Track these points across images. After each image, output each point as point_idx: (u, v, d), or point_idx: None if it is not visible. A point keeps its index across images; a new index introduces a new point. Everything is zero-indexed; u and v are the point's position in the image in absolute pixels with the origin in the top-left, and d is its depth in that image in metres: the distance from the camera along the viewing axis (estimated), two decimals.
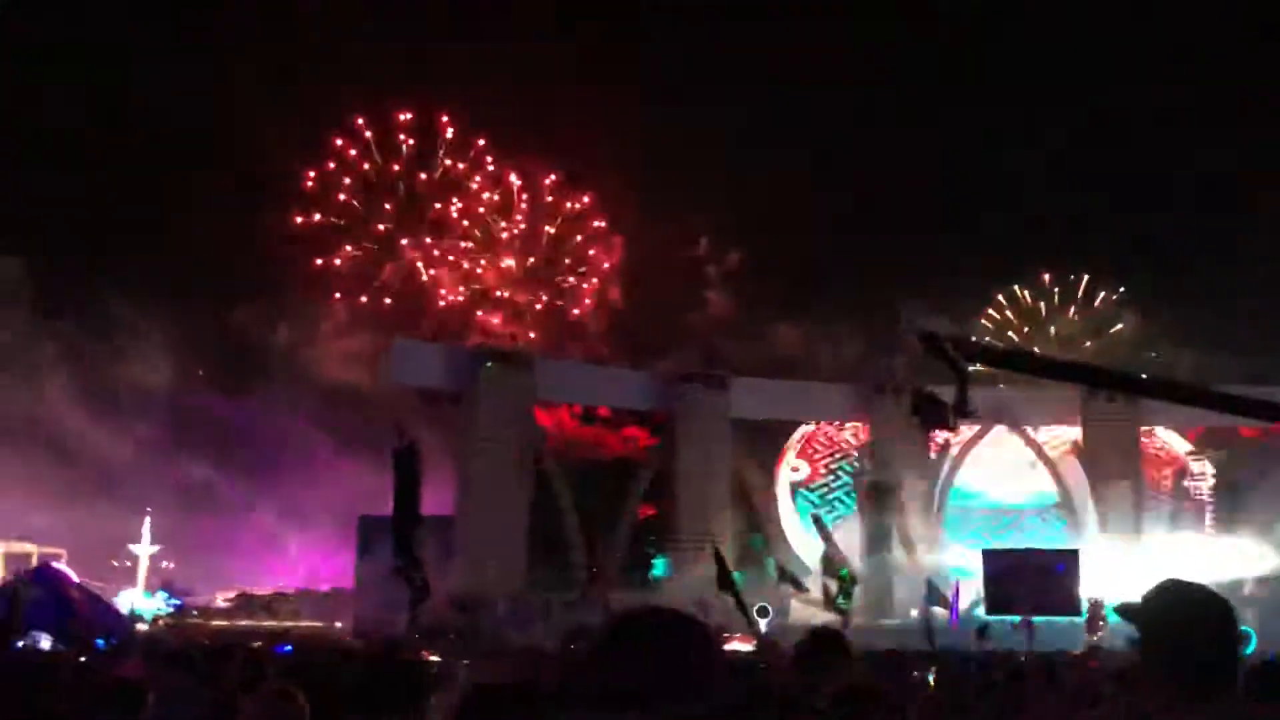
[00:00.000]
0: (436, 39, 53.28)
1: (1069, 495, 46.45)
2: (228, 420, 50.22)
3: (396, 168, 56.43)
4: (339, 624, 39.47)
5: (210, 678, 11.78)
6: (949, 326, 7.41)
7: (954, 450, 47.33)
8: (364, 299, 54.70)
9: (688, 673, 2.13)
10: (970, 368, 6.26)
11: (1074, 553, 39.84)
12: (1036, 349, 48.68)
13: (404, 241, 55.93)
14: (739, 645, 20.14)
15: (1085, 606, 38.00)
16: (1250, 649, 32.85)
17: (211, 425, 49.91)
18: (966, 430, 46.97)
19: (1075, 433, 47.10)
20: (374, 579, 37.96)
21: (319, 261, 55.48)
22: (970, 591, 39.78)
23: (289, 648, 24.88)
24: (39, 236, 49.77)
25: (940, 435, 45.99)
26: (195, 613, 44.99)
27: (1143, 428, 46.13)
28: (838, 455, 48.56)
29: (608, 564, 42.17)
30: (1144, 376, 33.21)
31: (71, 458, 46.10)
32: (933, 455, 46.90)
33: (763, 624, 34.32)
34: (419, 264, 55.98)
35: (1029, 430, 47.25)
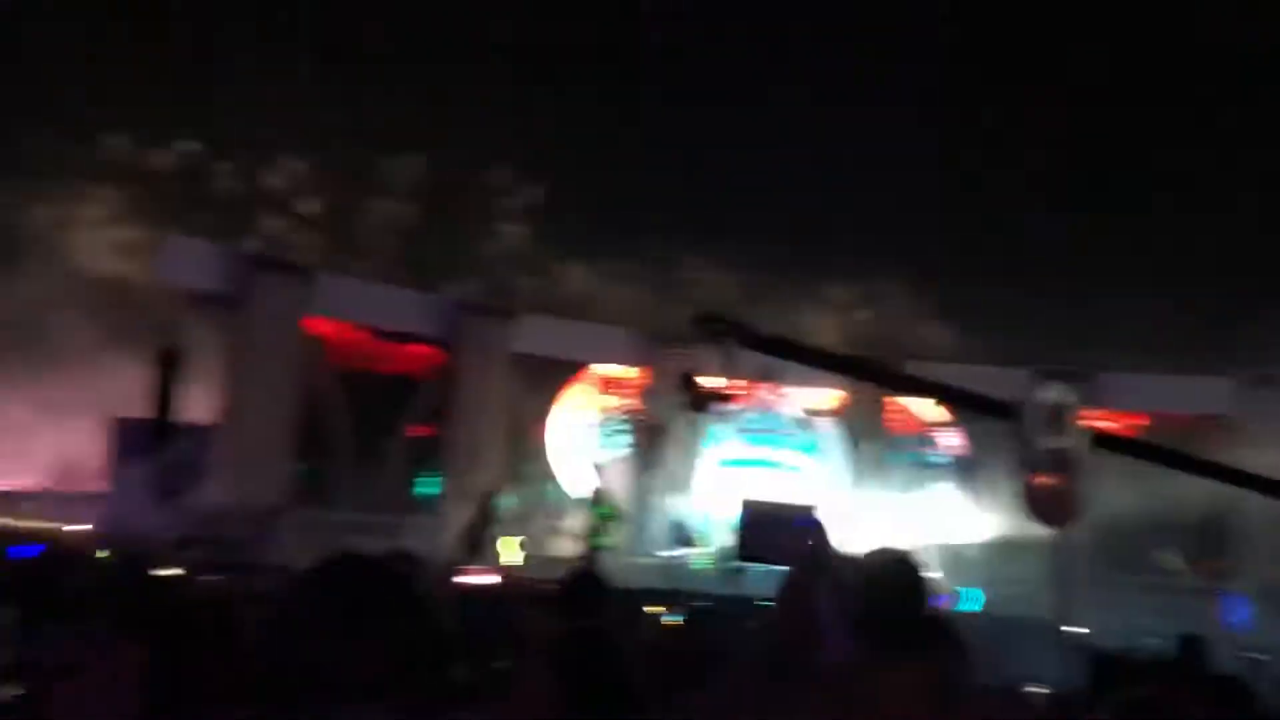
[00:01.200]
0: None
1: (828, 451, 49.34)
2: None
3: None
4: (87, 527, 37.90)
5: None
6: None
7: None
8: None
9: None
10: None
11: (813, 508, 42.38)
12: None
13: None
14: (482, 579, 20.47)
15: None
16: (974, 606, 36.26)
17: None
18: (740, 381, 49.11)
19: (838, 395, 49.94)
20: (128, 484, 36.75)
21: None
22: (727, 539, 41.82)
23: (36, 548, 23.87)
24: None
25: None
26: None
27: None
28: (620, 398, 49.69)
29: (377, 482, 42.05)
30: (905, 374, 35.89)
31: None
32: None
33: (519, 557, 35.31)
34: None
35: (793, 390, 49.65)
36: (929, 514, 45.57)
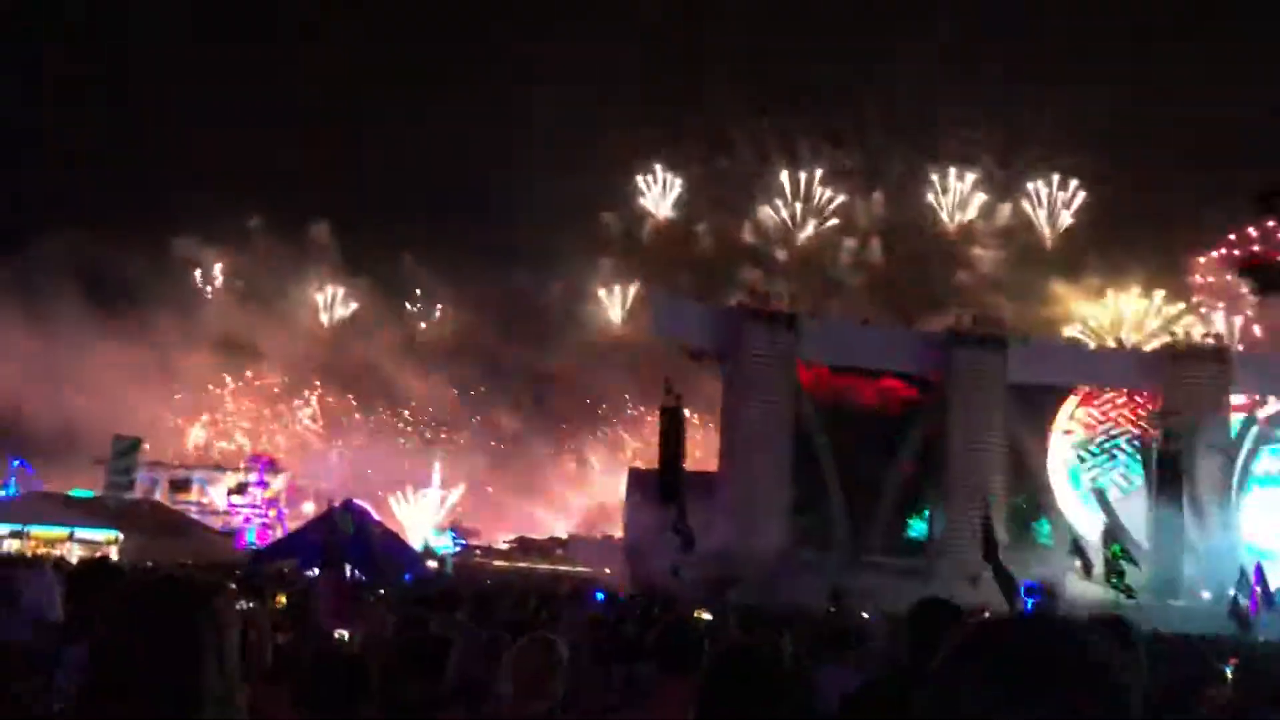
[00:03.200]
0: None
1: None
2: (534, 372, 53.29)
3: None
4: (608, 570, 40.98)
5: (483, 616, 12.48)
6: None
7: (1260, 420, 43.29)
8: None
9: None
10: None
11: None
12: None
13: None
14: None
15: None
16: None
17: (513, 377, 53.16)
18: (1275, 401, 42.96)
19: None
20: (640, 530, 39.19)
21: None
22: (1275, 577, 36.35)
23: (601, 595, 26.10)
24: (340, 199, 54.41)
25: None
26: (478, 552, 48.08)
27: None
28: (1119, 426, 45.43)
29: (870, 524, 41.59)
30: None
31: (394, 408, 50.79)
32: (1233, 425, 43.12)
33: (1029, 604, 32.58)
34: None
35: None
36: None
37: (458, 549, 48.53)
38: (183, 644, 2.30)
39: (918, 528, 43.65)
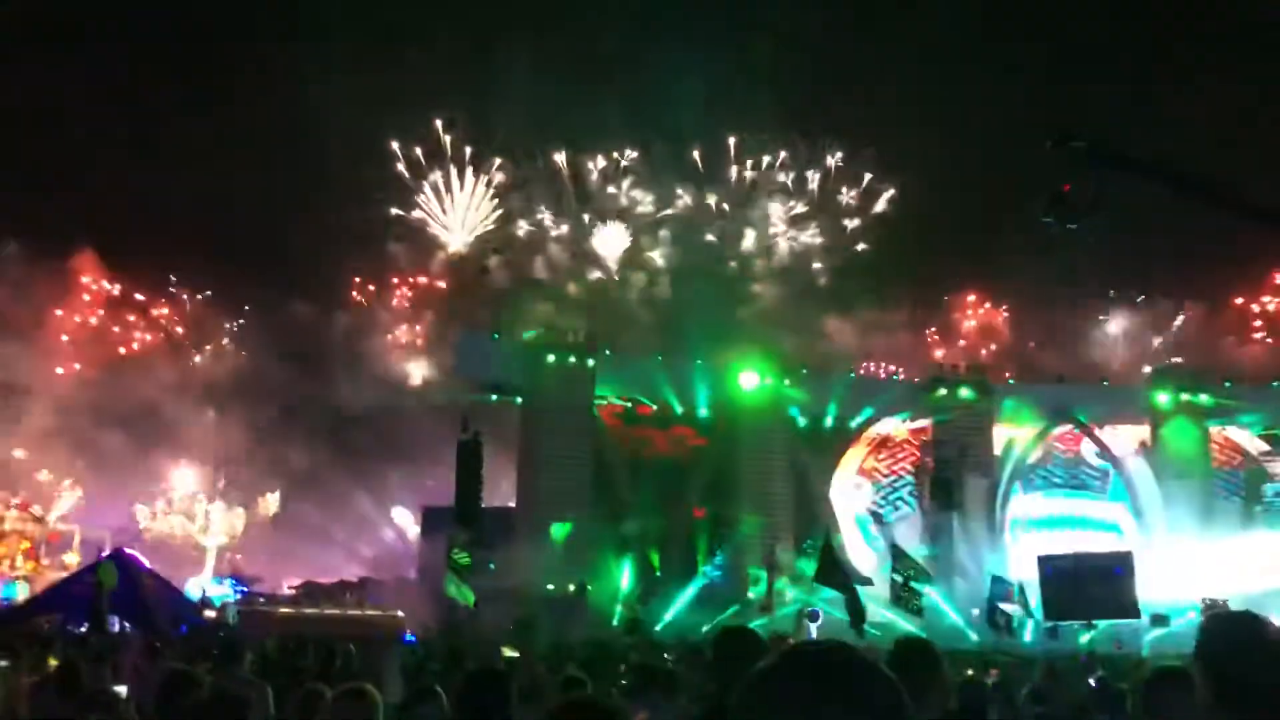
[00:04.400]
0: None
1: (1135, 495, 45.63)
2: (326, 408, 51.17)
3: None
4: (399, 612, 39.79)
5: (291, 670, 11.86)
6: None
7: (1016, 449, 46.57)
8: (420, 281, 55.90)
9: None
10: None
11: (1128, 555, 39.08)
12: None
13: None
14: None
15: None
16: None
17: (303, 414, 50.87)
18: (1029, 429, 46.21)
19: (1142, 431, 46.26)
20: (437, 568, 38.35)
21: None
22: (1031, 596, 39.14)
23: (412, 638, 25.10)
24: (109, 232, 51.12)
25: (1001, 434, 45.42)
26: (262, 600, 45.78)
27: (1213, 427, 45.30)
28: (902, 477, 47.32)
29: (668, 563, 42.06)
30: None
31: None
32: (996, 453, 46.21)
33: (813, 629, 33.55)
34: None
35: (1095, 429, 46.49)
36: (1253, 553, 40.82)
37: (239, 597, 46.04)
38: None
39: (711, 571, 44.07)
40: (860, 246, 60.95)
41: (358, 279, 58.86)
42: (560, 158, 60.39)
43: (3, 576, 45.83)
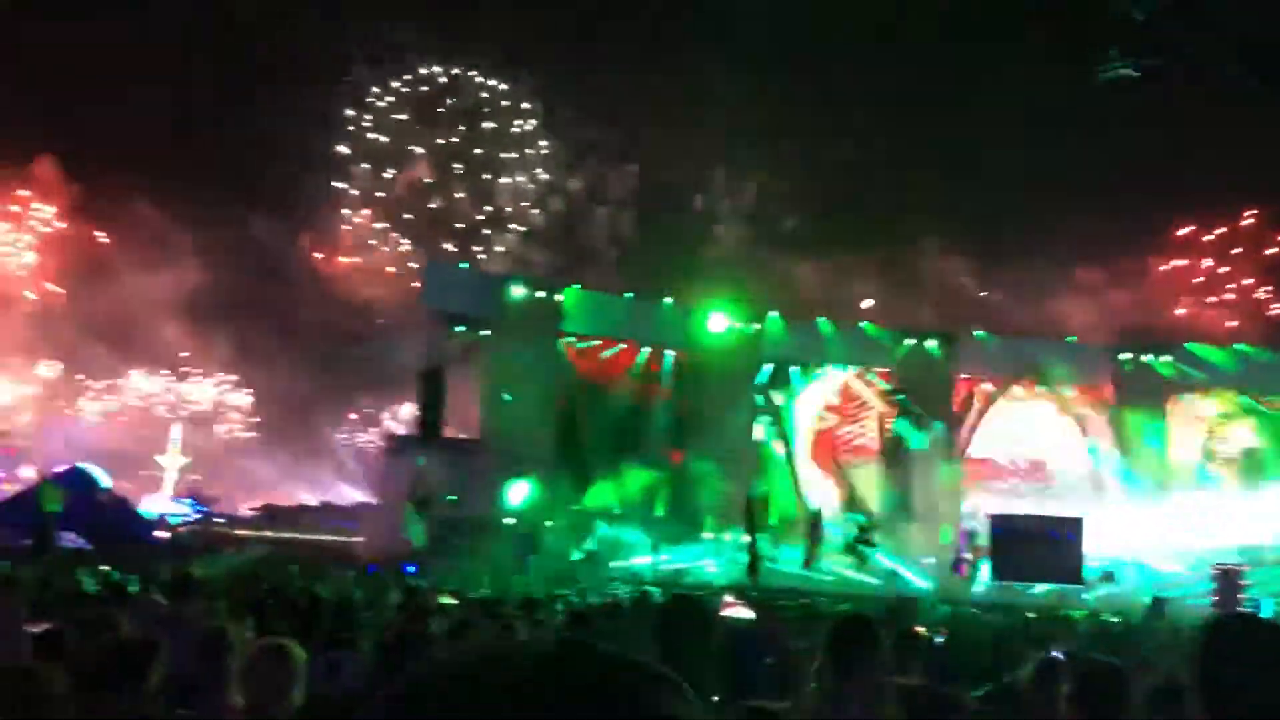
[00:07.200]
0: None
1: (1096, 456, 46.09)
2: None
3: None
4: (357, 539, 39.87)
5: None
6: None
7: (977, 402, 46.96)
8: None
9: None
10: None
11: (1078, 520, 39.43)
12: None
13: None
14: (738, 612, 17.83)
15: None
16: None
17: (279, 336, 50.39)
18: (990, 385, 46.49)
19: (1104, 392, 46.58)
20: (394, 496, 38.31)
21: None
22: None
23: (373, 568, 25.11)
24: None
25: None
26: (221, 520, 45.71)
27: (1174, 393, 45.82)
28: (862, 404, 47.79)
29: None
30: None
31: None
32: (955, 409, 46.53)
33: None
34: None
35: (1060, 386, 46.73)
36: (1214, 518, 41.62)
37: (196, 517, 45.93)
38: None
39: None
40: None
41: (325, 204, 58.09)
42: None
43: None
